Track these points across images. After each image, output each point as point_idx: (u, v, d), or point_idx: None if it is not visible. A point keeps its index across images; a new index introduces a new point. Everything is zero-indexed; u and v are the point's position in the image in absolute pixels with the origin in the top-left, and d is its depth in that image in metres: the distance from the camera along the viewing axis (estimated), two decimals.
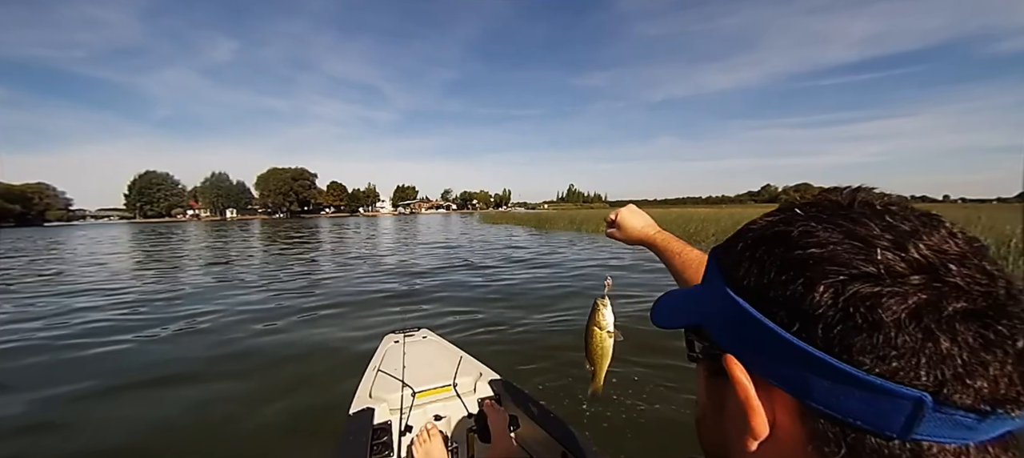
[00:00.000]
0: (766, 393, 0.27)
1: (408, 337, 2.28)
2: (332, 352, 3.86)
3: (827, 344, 0.23)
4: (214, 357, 3.91)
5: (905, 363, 0.22)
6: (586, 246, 13.75)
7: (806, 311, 0.24)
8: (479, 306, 5.61)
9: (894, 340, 0.22)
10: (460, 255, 11.99)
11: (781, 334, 0.25)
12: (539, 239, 17.07)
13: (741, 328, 0.28)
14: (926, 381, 0.22)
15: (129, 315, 5.57)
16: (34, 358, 4.01)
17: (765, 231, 0.29)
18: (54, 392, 3.21)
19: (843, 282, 0.23)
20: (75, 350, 4.19)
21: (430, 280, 7.81)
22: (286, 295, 6.73)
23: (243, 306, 5.94)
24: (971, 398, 0.22)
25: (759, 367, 0.27)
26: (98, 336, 4.63)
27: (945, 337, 0.22)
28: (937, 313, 0.22)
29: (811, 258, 0.25)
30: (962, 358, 0.22)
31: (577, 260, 10.48)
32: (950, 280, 0.23)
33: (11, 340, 4.57)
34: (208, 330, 4.79)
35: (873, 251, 0.24)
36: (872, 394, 0.22)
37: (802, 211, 0.28)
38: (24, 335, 4.75)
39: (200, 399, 3.03)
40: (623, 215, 0.98)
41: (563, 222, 24.74)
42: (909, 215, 0.26)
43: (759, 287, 0.27)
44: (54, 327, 5.05)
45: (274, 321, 5.08)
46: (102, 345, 4.30)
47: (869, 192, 0.29)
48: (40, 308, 6.17)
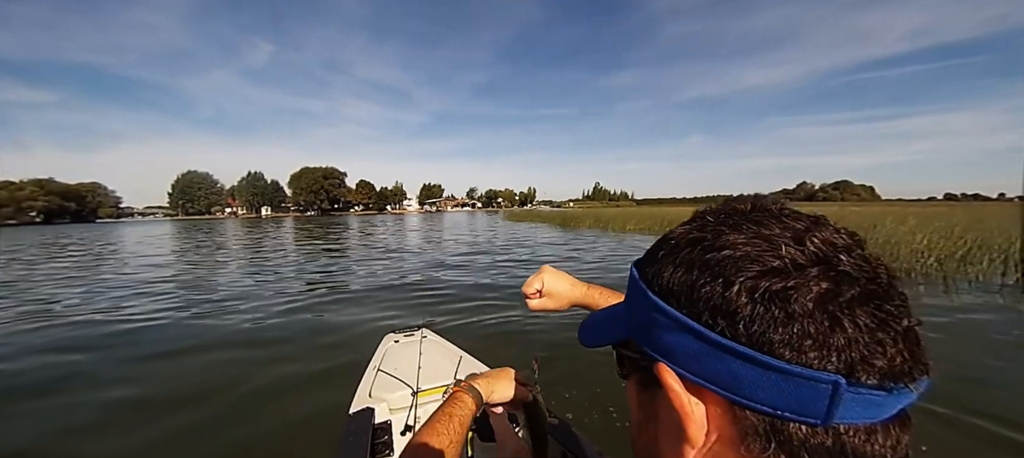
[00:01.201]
0: (698, 397, 0.28)
1: (408, 337, 2.30)
2: (336, 350, 3.85)
3: (750, 339, 0.25)
4: (217, 344, 4.03)
5: (819, 351, 0.23)
6: (610, 242, 13.49)
7: (727, 309, 0.25)
8: (486, 303, 5.58)
9: (807, 329, 0.24)
10: (479, 251, 12.01)
11: (707, 334, 0.26)
12: (564, 236, 16.94)
13: (669, 334, 0.28)
14: (838, 365, 0.23)
15: (177, 304, 5.84)
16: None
17: (682, 238, 0.30)
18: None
19: (756, 278, 0.25)
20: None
21: (446, 275, 7.84)
22: (301, 291, 6.86)
23: (265, 298, 6.12)
24: (876, 377, 0.23)
25: (689, 370, 0.28)
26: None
27: (848, 321, 0.24)
28: (837, 299, 0.24)
29: (726, 259, 0.26)
30: (863, 340, 0.23)
31: (596, 255, 10.31)
32: (842, 268, 0.25)
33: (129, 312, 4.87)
34: (224, 318, 4.97)
35: (777, 248, 0.26)
36: (795, 383, 0.24)
37: (713, 217, 0.30)
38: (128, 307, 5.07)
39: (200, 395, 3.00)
40: (548, 282, 0.86)
41: (589, 220, 24.41)
42: (800, 216, 0.28)
43: (682, 291, 0.28)
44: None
45: (283, 317, 5.14)
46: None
47: (765, 199, 0.31)
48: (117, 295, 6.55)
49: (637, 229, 18.80)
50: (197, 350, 3.96)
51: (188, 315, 5.26)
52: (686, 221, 0.33)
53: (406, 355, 2.00)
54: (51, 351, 4.04)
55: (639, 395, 0.34)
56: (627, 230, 18.91)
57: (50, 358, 3.85)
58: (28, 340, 4.40)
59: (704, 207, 0.33)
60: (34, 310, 5.77)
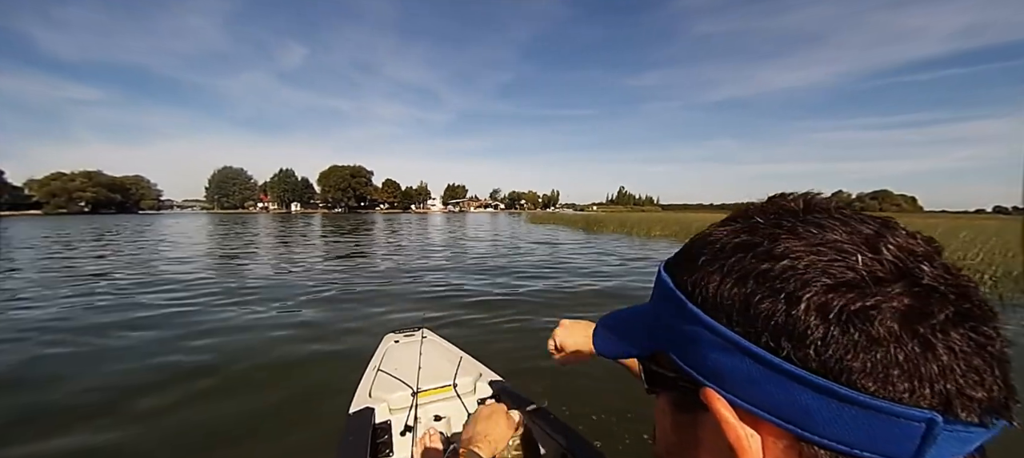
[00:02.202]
0: (753, 428, 0.24)
1: (408, 337, 2.31)
2: (340, 348, 3.83)
3: (822, 366, 0.21)
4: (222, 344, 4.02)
5: (909, 381, 0.20)
6: (636, 248, 13.21)
7: (793, 330, 0.22)
8: (492, 301, 5.50)
9: (894, 356, 0.20)
10: (498, 253, 11.95)
11: (769, 358, 0.22)
12: (586, 238, 16.69)
13: (718, 354, 0.25)
14: (932, 399, 0.20)
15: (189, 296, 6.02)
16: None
17: (728, 242, 0.26)
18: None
19: (826, 293, 0.21)
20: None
21: (458, 277, 7.80)
22: (314, 288, 6.89)
23: (284, 293, 6.22)
24: (976, 412, 0.20)
25: (744, 397, 0.24)
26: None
27: (942, 346, 0.20)
28: (928, 320, 0.20)
29: (787, 270, 0.23)
30: (960, 368, 0.20)
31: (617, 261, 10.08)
32: (926, 282, 0.21)
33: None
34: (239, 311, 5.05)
35: (849, 256, 0.22)
36: (879, 419, 0.20)
37: (763, 218, 0.26)
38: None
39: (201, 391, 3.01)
40: (562, 337, 0.85)
41: (613, 225, 24.05)
42: (866, 218, 0.24)
43: (734, 306, 0.24)
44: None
45: (293, 315, 5.14)
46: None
47: (819, 196, 0.27)
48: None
49: (663, 235, 18.42)
50: (205, 344, 3.97)
51: (198, 308, 5.37)
52: (728, 220, 0.29)
53: (406, 355, 2.01)
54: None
55: (675, 417, 0.30)
56: (652, 236, 18.55)
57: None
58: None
59: (747, 205, 0.29)
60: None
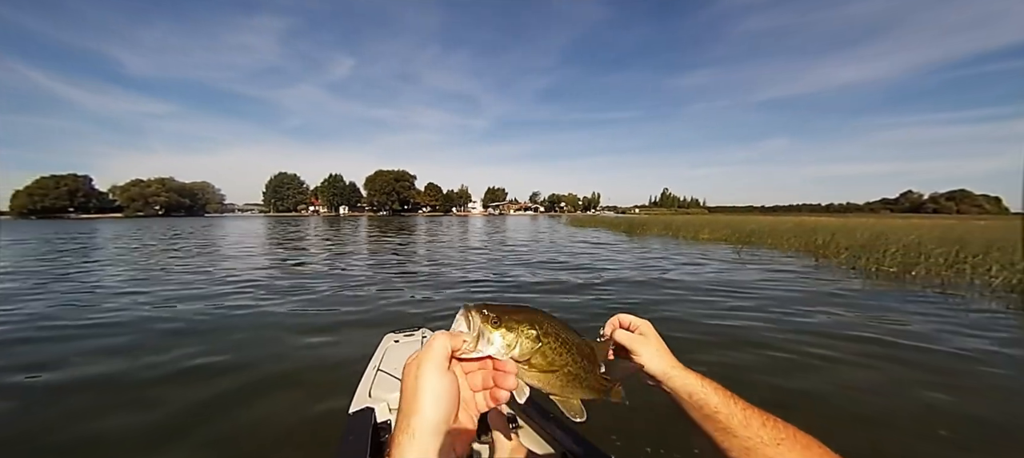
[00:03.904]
0: None
1: (408, 337, 2.31)
2: (339, 348, 3.87)
3: None
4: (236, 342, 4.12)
5: None
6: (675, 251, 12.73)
7: None
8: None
9: None
10: (537, 254, 11.87)
11: None
12: (631, 245, 16.23)
13: None
14: None
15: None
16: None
17: None
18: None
19: None
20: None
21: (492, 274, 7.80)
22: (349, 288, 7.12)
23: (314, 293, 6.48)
24: None
25: None
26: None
27: None
28: None
29: None
30: None
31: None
32: None
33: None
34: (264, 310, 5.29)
35: None
36: None
37: None
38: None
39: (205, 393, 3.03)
40: (632, 341, 0.73)
41: (657, 227, 23.31)
42: None
43: None
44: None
45: (299, 316, 5.19)
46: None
47: None
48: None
49: (712, 239, 17.64)
50: (214, 343, 4.05)
51: (232, 304, 5.71)
52: None
53: (406, 355, 1.95)
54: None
55: None
56: (701, 239, 17.81)
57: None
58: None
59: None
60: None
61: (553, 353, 0.59)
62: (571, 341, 0.63)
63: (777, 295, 6.29)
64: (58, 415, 2.74)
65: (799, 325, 4.65)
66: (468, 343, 0.52)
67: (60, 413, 2.76)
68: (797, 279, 7.83)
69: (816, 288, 6.94)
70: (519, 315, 0.57)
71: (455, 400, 0.47)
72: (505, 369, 0.52)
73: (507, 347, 0.54)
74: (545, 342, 0.58)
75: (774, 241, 15.21)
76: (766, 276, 8.12)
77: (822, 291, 6.68)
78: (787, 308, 5.44)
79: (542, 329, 0.59)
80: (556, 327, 0.62)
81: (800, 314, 5.14)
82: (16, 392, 3.05)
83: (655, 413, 2.27)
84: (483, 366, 0.54)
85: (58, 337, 4.30)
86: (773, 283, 7.32)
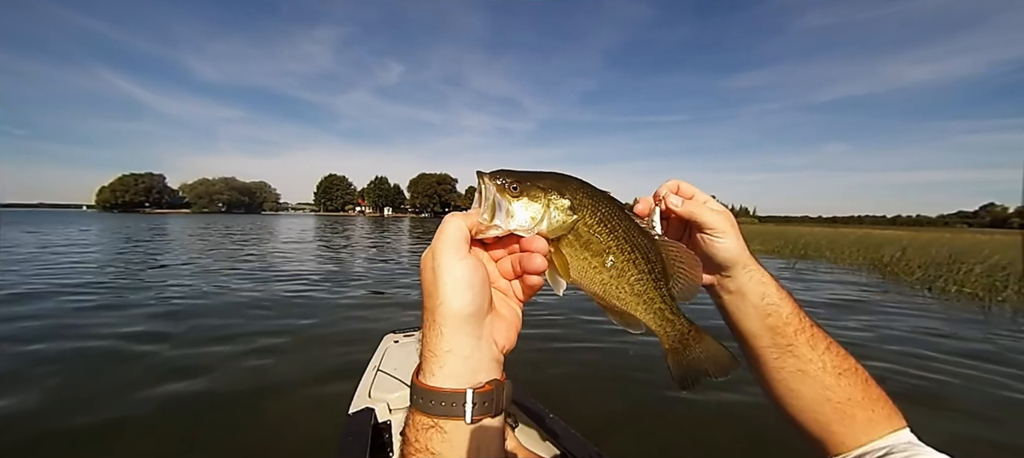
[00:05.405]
0: None
1: (408, 337, 2.31)
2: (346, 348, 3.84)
3: None
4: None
5: None
6: None
7: None
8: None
9: None
10: None
11: None
12: None
13: None
14: None
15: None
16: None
17: None
18: None
19: None
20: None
21: None
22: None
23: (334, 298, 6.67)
24: None
25: None
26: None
27: None
28: None
29: None
30: None
31: None
32: None
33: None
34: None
35: None
36: None
37: None
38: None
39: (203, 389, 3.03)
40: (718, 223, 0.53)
41: None
42: None
43: None
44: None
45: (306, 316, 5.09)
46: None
47: None
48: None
49: (763, 251, 16.76)
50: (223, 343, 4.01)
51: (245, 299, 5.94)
52: None
53: (406, 355, 2.02)
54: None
55: None
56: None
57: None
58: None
59: None
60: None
61: (591, 233, 0.45)
62: (623, 223, 0.47)
63: (838, 313, 5.91)
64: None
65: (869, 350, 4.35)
66: (486, 218, 0.43)
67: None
68: (861, 298, 7.31)
69: (889, 309, 6.45)
70: (546, 180, 0.45)
71: (483, 286, 0.40)
72: (531, 247, 0.43)
73: (532, 220, 0.44)
74: (582, 215, 0.45)
75: (834, 255, 14.26)
76: (825, 295, 7.63)
77: (895, 311, 6.19)
78: (855, 330, 5.10)
79: (577, 198, 0.45)
80: (599, 201, 0.47)
81: (872, 340, 4.80)
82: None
83: (653, 413, 2.32)
84: (511, 250, 0.45)
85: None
86: (837, 298, 6.89)
